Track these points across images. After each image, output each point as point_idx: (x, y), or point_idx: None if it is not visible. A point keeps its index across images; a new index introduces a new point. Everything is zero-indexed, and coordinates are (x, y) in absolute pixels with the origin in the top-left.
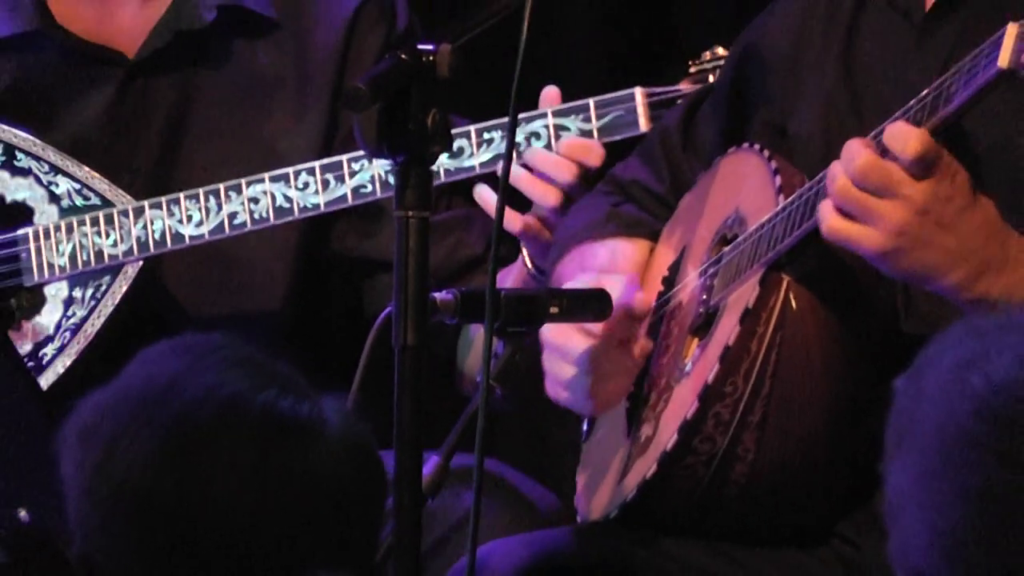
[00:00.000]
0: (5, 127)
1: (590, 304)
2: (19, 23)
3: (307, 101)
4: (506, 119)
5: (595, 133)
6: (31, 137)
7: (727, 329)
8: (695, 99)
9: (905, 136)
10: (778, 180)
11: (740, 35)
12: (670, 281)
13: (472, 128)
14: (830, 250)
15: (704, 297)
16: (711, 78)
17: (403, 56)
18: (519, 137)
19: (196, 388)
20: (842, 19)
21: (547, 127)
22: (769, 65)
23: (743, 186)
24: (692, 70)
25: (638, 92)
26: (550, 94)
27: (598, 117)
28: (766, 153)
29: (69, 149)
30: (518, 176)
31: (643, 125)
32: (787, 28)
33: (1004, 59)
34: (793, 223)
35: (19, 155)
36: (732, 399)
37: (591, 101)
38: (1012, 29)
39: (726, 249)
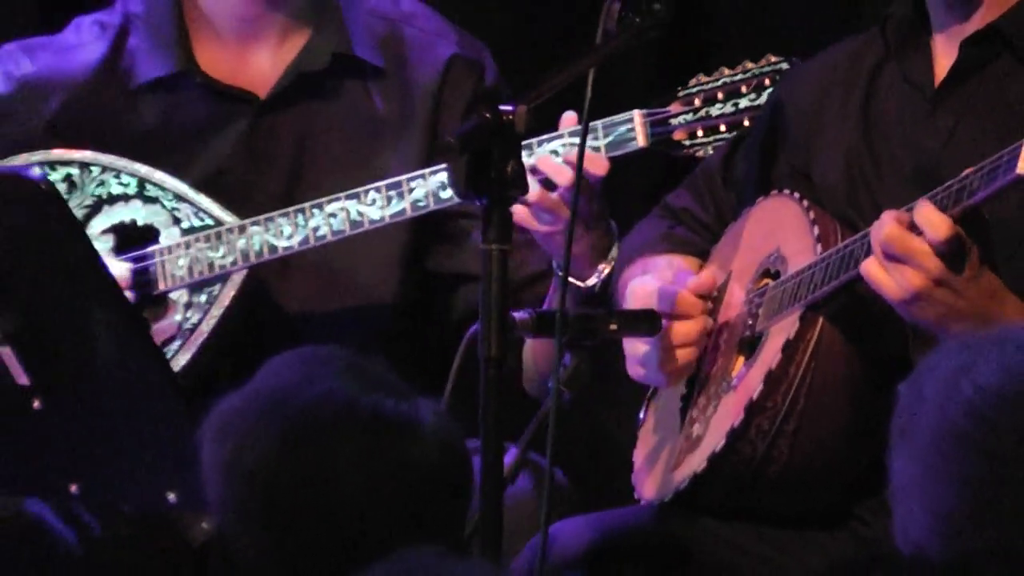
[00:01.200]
0: (137, 164)
1: (642, 322)
2: (167, 66)
3: (408, 136)
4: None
5: (603, 149)
6: (158, 171)
7: (770, 355)
8: (733, 142)
9: (936, 223)
10: (816, 230)
11: (777, 85)
12: (717, 299)
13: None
14: (857, 297)
15: (750, 322)
16: (696, 101)
17: (487, 115)
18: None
19: (314, 392)
20: (860, 82)
21: (564, 145)
22: (796, 117)
23: (784, 228)
24: (680, 94)
25: (636, 114)
26: (568, 119)
27: (604, 135)
28: (805, 203)
29: (208, 177)
30: (552, 170)
31: (641, 141)
32: (812, 85)
33: (1022, 167)
34: (831, 274)
35: (148, 186)
36: (771, 412)
37: (599, 123)
38: None
39: (770, 284)
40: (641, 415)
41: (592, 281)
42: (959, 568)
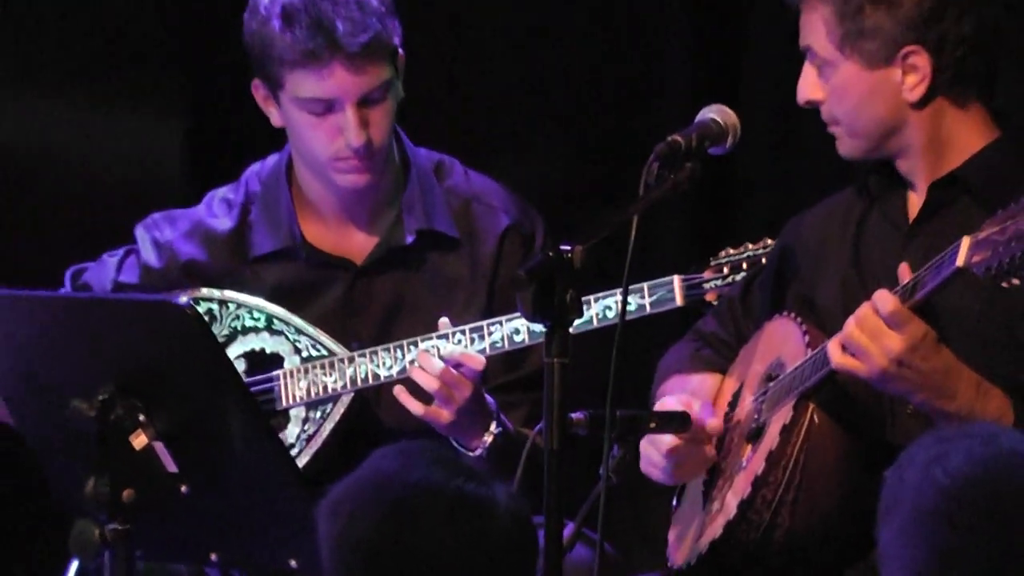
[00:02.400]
0: (268, 304)
1: (676, 421)
2: (282, 241)
3: (475, 294)
4: (594, 295)
5: (647, 307)
6: (283, 310)
7: (771, 438)
8: (750, 277)
9: (884, 299)
10: (807, 338)
11: (780, 235)
12: (733, 404)
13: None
14: (840, 387)
15: (756, 416)
16: (726, 269)
17: (551, 254)
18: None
19: (410, 478)
20: (852, 225)
21: (616, 301)
22: (800, 255)
23: (783, 341)
24: (712, 263)
25: (676, 279)
26: (442, 323)
27: (649, 295)
28: (799, 320)
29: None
30: (415, 375)
31: (679, 300)
32: (814, 229)
33: (960, 260)
34: (816, 368)
35: (275, 321)
36: (773, 486)
37: (645, 285)
38: (966, 241)
39: (771, 384)
40: (674, 501)
41: (479, 451)
42: None
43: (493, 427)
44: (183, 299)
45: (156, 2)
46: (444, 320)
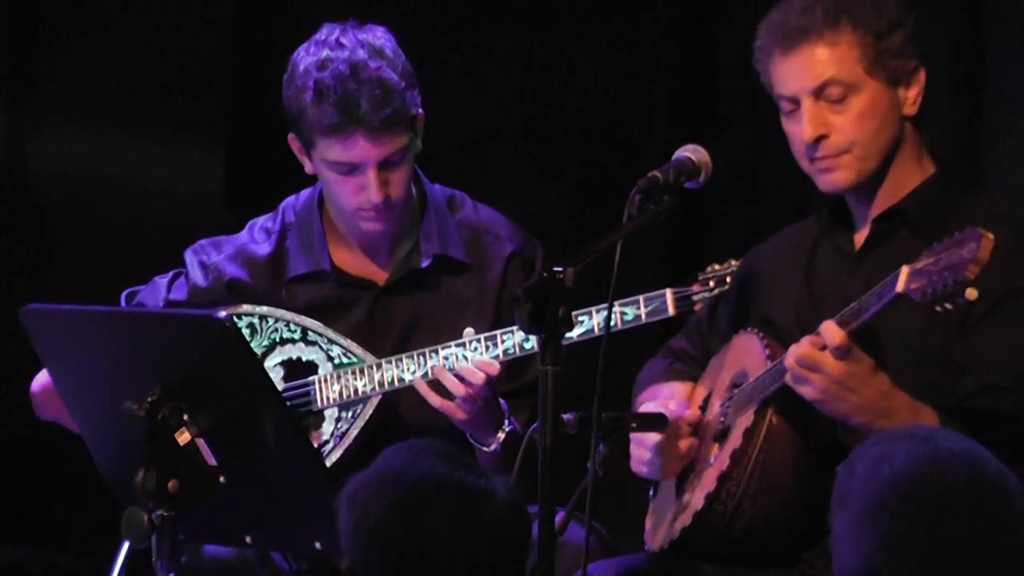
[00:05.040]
0: (303, 317)
1: (655, 421)
2: (314, 264)
3: (483, 313)
4: (591, 307)
5: (643, 316)
6: (317, 323)
7: (735, 439)
8: (715, 299)
9: (832, 333)
10: (767, 351)
11: (743, 260)
12: (703, 408)
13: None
14: (796, 396)
15: (723, 419)
16: (711, 283)
17: (545, 274)
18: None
19: (418, 471)
20: (805, 253)
21: (615, 313)
22: (759, 279)
23: (747, 354)
24: (700, 277)
25: (668, 292)
26: (467, 332)
27: (645, 306)
28: (760, 335)
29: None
30: (448, 379)
31: (671, 311)
32: (771, 256)
33: (899, 287)
34: (775, 378)
35: (310, 333)
36: (736, 480)
37: (640, 298)
38: (905, 269)
39: (736, 391)
40: (651, 492)
41: (493, 447)
42: None
43: (506, 426)
44: (223, 314)
45: (201, 41)
46: (469, 330)
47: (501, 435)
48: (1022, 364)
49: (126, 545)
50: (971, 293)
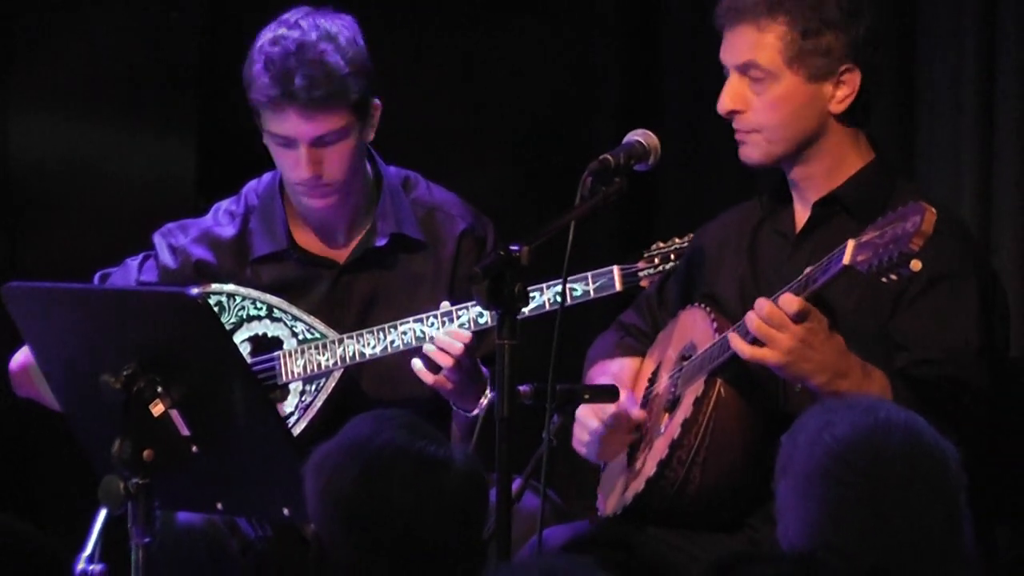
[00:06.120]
0: (268, 295)
1: (607, 394)
2: (275, 244)
3: (437, 289)
4: (546, 283)
5: (591, 292)
6: (282, 301)
7: (685, 408)
8: (665, 276)
9: (790, 302)
10: (715, 324)
11: (692, 238)
12: (652, 381)
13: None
14: (743, 367)
15: (672, 390)
16: (656, 260)
17: (501, 252)
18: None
19: (381, 440)
20: (747, 233)
21: (565, 288)
22: (705, 257)
23: (695, 328)
24: (645, 255)
25: (615, 268)
26: (444, 304)
27: (593, 282)
28: (708, 309)
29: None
30: (429, 351)
31: (618, 286)
32: (713, 238)
33: (846, 260)
34: (723, 349)
35: (275, 311)
36: (687, 448)
37: (588, 274)
38: (851, 243)
39: (685, 363)
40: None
41: (476, 412)
42: (815, 557)
43: (488, 392)
44: (194, 291)
45: (173, 30)
46: (445, 303)
47: (483, 401)
48: (951, 338)
49: (103, 512)
50: (915, 264)
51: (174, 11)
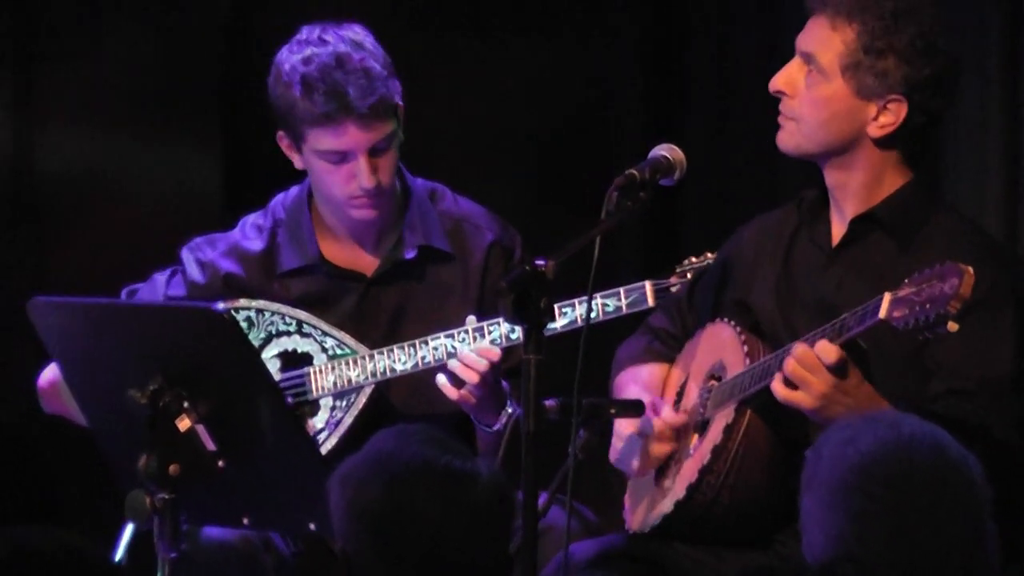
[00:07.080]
0: (298, 311)
1: (632, 408)
2: (304, 259)
3: (466, 301)
4: (575, 299)
5: (624, 307)
6: (312, 316)
7: (715, 435)
8: (695, 280)
9: (828, 351)
10: (745, 348)
11: (726, 241)
12: (680, 394)
13: (555, 305)
14: (772, 396)
15: (702, 410)
16: (688, 275)
17: (527, 267)
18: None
19: (406, 455)
20: (783, 242)
21: (597, 304)
22: (739, 264)
23: (724, 348)
24: (677, 270)
25: (647, 284)
26: (470, 320)
27: (625, 297)
28: (738, 328)
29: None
30: (454, 366)
31: (650, 302)
32: (751, 242)
33: (882, 314)
34: (755, 380)
35: (305, 326)
36: (716, 473)
37: (621, 289)
38: (887, 296)
39: (715, 384)
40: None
41: (497, 426)
42: (837, 569)
43: (509, 407)
44: (221, 307)
45: (196, 43)
46: (471, 318)
47: (504, 416)
48: (985, 369)
49: (129, 527)
50: (952, 326)
51: (198, 22)
